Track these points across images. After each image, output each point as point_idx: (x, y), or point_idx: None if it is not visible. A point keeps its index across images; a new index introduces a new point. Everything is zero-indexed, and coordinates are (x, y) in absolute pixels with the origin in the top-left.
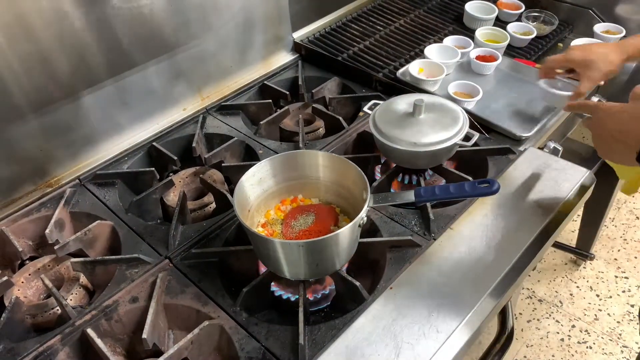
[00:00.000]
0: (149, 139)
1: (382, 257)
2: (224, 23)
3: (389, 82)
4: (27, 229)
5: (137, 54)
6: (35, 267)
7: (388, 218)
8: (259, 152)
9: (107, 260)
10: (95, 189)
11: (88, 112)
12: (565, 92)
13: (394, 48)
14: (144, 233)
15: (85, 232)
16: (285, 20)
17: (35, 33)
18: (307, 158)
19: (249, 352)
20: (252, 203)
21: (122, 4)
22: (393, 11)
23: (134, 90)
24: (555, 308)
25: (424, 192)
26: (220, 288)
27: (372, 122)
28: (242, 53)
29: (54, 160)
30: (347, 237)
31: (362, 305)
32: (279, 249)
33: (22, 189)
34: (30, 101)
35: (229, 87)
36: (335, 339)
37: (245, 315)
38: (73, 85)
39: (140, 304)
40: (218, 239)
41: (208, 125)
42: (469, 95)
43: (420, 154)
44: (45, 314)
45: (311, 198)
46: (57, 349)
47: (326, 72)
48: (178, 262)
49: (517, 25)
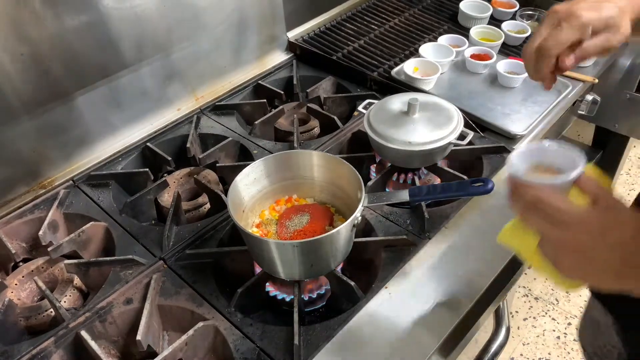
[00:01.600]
0: (143, 140)
1: (377, 256)
2: (218, 23)
3: (384, 81)
4: (20, 231)
5: (131, 54)
6: (29, 269)
7: (383, 217)
8: (254, 152)
9: (101, 261)
10: (89, 190)
11: (81, 113)
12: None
13: (389, 47)
14: (138, 234)
15: (79, 234)
16: (280, 20)
17: (27, 33)
18: (302, 158)
19: (243, 352)
20: (247, 203)
21: (115, 4)
22: (388, 10)
23: (127, 90)
24: (551, 306)
25: (419, 191)
26: (215, 289)
27: (366, 122)
28: (237, 53)
29: (48, 162)
30: (342, 236)
31: (357, 305)
32: (274, 250)
33: (16, 190)
34: (23, 102)
35: (223, 87)
36: (330, 339)
37: (240, 316)
38: (66, 86)
39: (134, 305)
40: (212, 239)
41: (202, 125)
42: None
43: (415, 153)
44: (39, 316)
45: (306, 198)
46: (51, 351)
47: (321, 71)
48: (172, 263)
49: (512, 24)
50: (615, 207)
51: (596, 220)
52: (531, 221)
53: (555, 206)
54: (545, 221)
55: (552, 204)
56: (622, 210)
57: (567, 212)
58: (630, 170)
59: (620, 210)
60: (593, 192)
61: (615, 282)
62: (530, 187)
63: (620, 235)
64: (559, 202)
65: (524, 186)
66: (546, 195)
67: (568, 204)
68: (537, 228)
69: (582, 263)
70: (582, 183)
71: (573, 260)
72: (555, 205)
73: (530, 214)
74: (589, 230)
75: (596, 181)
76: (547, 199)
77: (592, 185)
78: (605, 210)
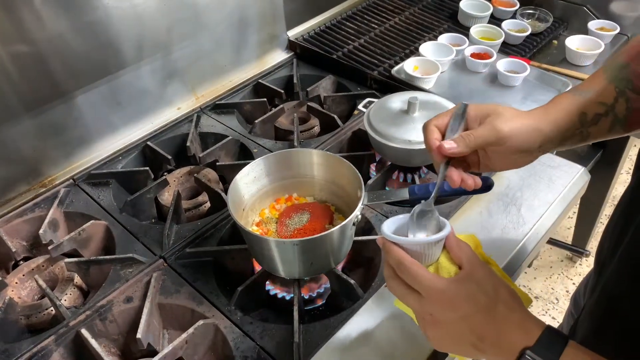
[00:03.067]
0: (143, 139)
1: (377, 255)
2: (218, 22)
3: (384, 80)
4: (21, 230)
5: (131, 53)
6: (29, 267)
7: (383, 216)
8: (254, 150)
9: (101, 260)
10: (89, 189)
11: (82, 112)
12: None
13: (389, 46)
14: (138, 233)
15: (80, 232)
16: (280, 19)
17: (28, 33)
18: (302, 156)
19: (243, 351)
20: (247, 202)
21: (115, 4)
22: (388, 9)
23: (128, 89)
24: (551, 305)
25: (418, 189)
26: (215, 287)
27: (366, 120)
28: (237, 51)
29: (48, 160)
30: (341, 235)
31: (357, 303)
32: (274, 248)
33: (16, 189)
34: (24, 101)
35: (224, 85)
36: (330, 337)
37: (240, 315)
38: (67, 85)
39: (134, 303)
40: (213, 238)
41: (202, 124)
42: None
43: (415, 151)
44: (40, 314)
45: (306, 196)
46: (51, 349)
47: (321, 70)
48: (172, 262)
49: (512, 23)
50: (476, 271)
51: (450, 291)
52: (392, 287)
53: (414, 273)
54: (403, 287)
55: (411, 270)
56: (483, 279)
57: (425, 280)
58: (630, 169)
59: (480, 280)
60: (460, 257)
61: (476, 354)
62: (395, 249)
63: (468, 308)
64: (417, 269)
65: (389, 245)
66: (407, 261)
67: (426, 273)
68: (399, 294)
69: (441, 334)
70: (451, 250)
71: (434, 332)
72: (414, 272)
73: (392, 280)
74: (441, 301)
75: (466, 247)
76: (407, 264)
77: (460, 251)
78: (463, 280)
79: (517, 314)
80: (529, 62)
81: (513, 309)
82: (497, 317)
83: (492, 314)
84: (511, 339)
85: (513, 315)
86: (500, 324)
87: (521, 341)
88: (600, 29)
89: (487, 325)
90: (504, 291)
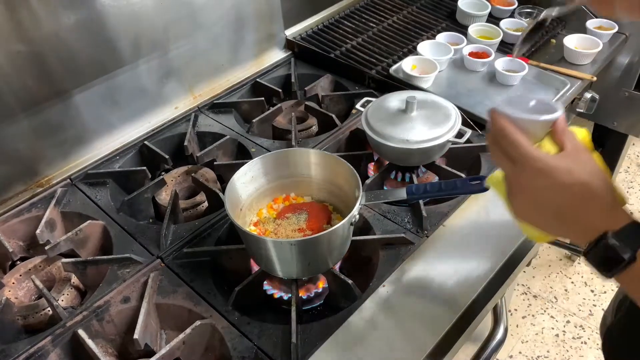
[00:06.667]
0: (140, 138)
1: (375, 254)
2: (216, 21)
3: (382, 79)
4: (17, 230)
5: (128, 52)
6: (26, 267)
7: (381, 216)
8: (252, 150)
9: (98, 260)
10: (86, 189)
11: (79, 112)
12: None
13: (387, 45)
14: (135, 233)
15: (77, 232)
16: (278, 18)
17: (24, 31)
18: (299, 156)
19: (241, 351)
20: (244, 202)
21: (112, 2)
22: (386, 8)
23: (125, 89)
24: (550, 304)
25: (416, 189)
26: (213, 287)
27: (364, 120)
28: (234, 51)
29: (45, 160)
30: (339, 235)
31: (355, 303)
32: (271, 248)
33: (13, 189)
34: (20, 100)
35: (221, 85)
36: (328, 337)
37: (237, 315)
38: (63, 85)
39: (131, 304)
40: (210, 238)
41: (200, 123)
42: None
43: (413, 151)
44: (37, 315)
45: (303, 196)
46: (48, 350)
47: (319, 69)
48: (170, 262)
49: (510, 22)
50: (576, 153)
51: (552, 162)
52: (493, 153)
53: (513, 140)
54: (502, 154)
55: (512, 138)
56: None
57: (522, 148)
58: (629, 168)
59: (581, 156)
60: (563, 142)
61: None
62: (501, 117)
63: (559, 178)
64: (519, 138)
65: (497, 115)
66: (510, 129)
67: (525, 142)
68: (496, 161)
69: (527, 202)
70: (556, 133)
71: (520, 198)
72: (514, 139)
73: (493, 145)
74: (534, 168)
75: (571, 133)
76: (509, 132)
77: (564, 135)
78: (560, 156)
79: (608, 199)
80: (527, 61)
81: (604, 195)
82: (586, 196)
83: (583, 191)
84: (595, 219)
85: (603, 199)
86: (588, 202)
87: (605, 225)
88: (599, 28)
89: (575, 199)
90: (599, 176)
